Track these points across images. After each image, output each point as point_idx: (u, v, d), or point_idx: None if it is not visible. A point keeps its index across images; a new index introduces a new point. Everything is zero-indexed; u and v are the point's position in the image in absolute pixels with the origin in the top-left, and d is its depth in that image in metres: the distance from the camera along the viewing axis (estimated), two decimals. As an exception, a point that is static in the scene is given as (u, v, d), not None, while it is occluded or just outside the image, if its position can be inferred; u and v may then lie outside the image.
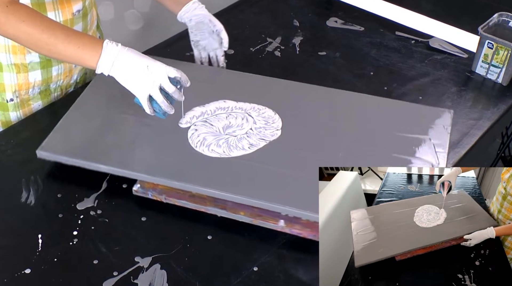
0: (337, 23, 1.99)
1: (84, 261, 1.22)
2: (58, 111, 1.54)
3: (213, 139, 1.41)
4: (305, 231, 1.26)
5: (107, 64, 1.32)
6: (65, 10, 1.51)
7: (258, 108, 1.50)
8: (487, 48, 1.72)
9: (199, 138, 1.41)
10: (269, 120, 1.46)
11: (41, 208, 1.32)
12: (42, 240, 1.25)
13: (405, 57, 1.84)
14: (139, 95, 1.33)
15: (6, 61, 1.51)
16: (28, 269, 1.20)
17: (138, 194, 1.34)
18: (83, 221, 1.29)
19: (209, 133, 1.43)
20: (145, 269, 1.21)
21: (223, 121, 1.46)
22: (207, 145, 1.39)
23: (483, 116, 1.62)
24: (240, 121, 1.46)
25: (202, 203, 1.31)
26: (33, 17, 1.32)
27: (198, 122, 1.46)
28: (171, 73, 1.34)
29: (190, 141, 1.40)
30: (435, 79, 1.74)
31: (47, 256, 1.22)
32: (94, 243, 1.25)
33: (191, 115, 1.48)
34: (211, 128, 1.44)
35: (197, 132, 1.43)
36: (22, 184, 1.37)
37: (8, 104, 1.56)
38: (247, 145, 1.40)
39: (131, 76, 1.32)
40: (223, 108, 1.50)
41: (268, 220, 1.28)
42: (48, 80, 1.58)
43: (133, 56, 1.33)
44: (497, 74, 1.73)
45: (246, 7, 2.05)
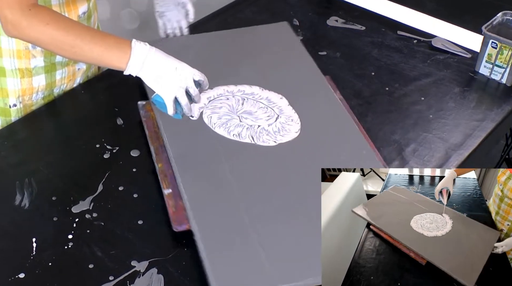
0: (338, 22, 1.99)
1: (79, 265, 1.22)
2: (53, 113, 1.54)
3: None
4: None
5: (137, 65, 1.31)
6: (71, 12, 1.51)
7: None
8: (491, 48, 1.72)
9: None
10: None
11: (35, 211, 1.32)
12: (36, 243, 1.25)
13: (407, 57, 1.84)
14: (166, 96, 1.33)
15: (10, 66, 1.51)
16: (22, 274, 1.20)
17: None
18: (78, 225, 1.29)
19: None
20: (141, 274, 1.21)
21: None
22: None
23: (486, 118, 1.62)
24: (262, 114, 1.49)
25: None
26: (57, 20, 1.31)
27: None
28: (196, 76, 1.34)
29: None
30: (438, 80, 1.74)
31: (41, 260, 1.22)
32: (89, 247, 1.25)
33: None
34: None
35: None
36: (16, 186, 1.37)
37: (10, 110, 1.56)
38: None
39: (159, 77, 1.32)
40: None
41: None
42: (52, 84, 1.59)
43: (162, 57, 1.33)
44: (501, 75, 1.74)
45: (245, 6, 2.06)
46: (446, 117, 1.61)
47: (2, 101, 1.55)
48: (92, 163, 1.43)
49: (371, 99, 1.67)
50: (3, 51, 1.49)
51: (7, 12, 1.29)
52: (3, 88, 1.53)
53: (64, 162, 1.43)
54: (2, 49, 1.49)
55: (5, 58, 1.50)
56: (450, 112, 1.63)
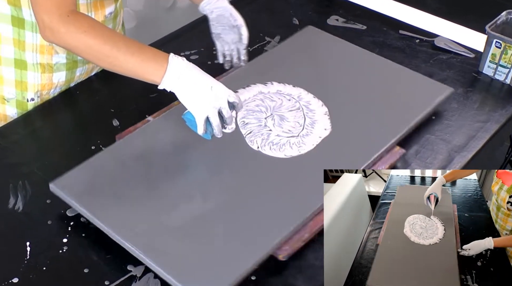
0: (338, 22, 1.99)
1: (74, 270, 1.22)
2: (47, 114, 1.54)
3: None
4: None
5: (172, 80, 1.30)
6: (98, 12, 1.53)
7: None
8: (495, 48, 1.72)
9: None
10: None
11: (29, 215, 1.32)
12: (30, 248, 1.25)
13: (409, 57, 1.84)
14: (198, 115, 1.32)
15: (32, 60, 1.53)
16: (15, 278, 1.20)
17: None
18: (73, 228, 1.29)
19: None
20: (138, 278, 1.21)
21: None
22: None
23: (490, 119, 1.63)
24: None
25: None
26: (95, 28, 1.32)
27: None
28: (231, 97, 1.34)
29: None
30: (441, 80, 1.74)
31: (35, 265, 1.22)
32: (84, 251, 1.25)
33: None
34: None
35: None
36: (9, 189, 1.37)
37: (28, 103, 1.58)
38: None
39: (194, 94, 1.31)
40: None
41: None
42: (71, 80, 1.62)
43: (198, 74, 1.32)
44: (505, 75, 1.74)
45: (244, 5, 2.05)
46: (449, 119, 1.62)
47: (21, 94, 1.57)
48: (88, 165, 1.43)
49: (373, 100, 1.67)
50: (27, 45, 1.51)
51: (45, 17, 1.31)
52: (23, 82, 1.55)
53: (58, 163, 1.43)
54: (26, 43, 1.51)
55: (27, 52, 1.52)
56: (453, 113, 1.64)
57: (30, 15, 1.47)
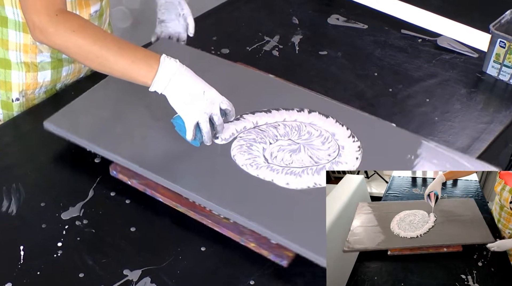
0: (339, 21, 2.00)
1: (69, 275, 1.22)
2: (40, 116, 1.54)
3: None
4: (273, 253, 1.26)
5: (163, 82, 1.30)
6: (83, 11, 1.53)
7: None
8: (499, 47, 1.73)
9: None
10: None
11: (23, 218, 1.32)
12: (24, 252, 1.26)
13: (411, 57, 1.85)
14: (188, 120, 1.32)
15: (15, 59, 1.53)
16: (9, 283, 1.20)
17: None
18: (68, 232, 1.30)
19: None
20: (134, 283, 1.21)
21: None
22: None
23: (494, 120, 1.63)
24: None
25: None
26: (84, 28, 1.32)
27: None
28: (223, 104, 1.33)
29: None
30: (444, 81, 1.75)
31: (29, 269, 1.22)
32: (79, 255, 1.25)
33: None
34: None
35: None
36: (3, 192, 1.37)
37: (13, 104, 1.58)
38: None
39: (185, 99, 1.31)
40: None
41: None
42: (57, 80, 1.62)
43: (190, 77, 1.32)
44: (509, 75, 1.74)
45: (242, 4, 2.06)
46: (452, 120, 1.62)
47: (5, 94, 1.57)
48: (83, 168, 1.43)
49: (374, 101, 1.67)
50: (10, 44, 1.51)
51: (35, 17, 1.31)
52: (7, 82, 1.55)
53: (53, 166, 1.44)
54: (9, 42, 1.51)
55: (11, 51, 1.52)
56: (456, 114, 1.64)
57: (13, 13, 1.47)
